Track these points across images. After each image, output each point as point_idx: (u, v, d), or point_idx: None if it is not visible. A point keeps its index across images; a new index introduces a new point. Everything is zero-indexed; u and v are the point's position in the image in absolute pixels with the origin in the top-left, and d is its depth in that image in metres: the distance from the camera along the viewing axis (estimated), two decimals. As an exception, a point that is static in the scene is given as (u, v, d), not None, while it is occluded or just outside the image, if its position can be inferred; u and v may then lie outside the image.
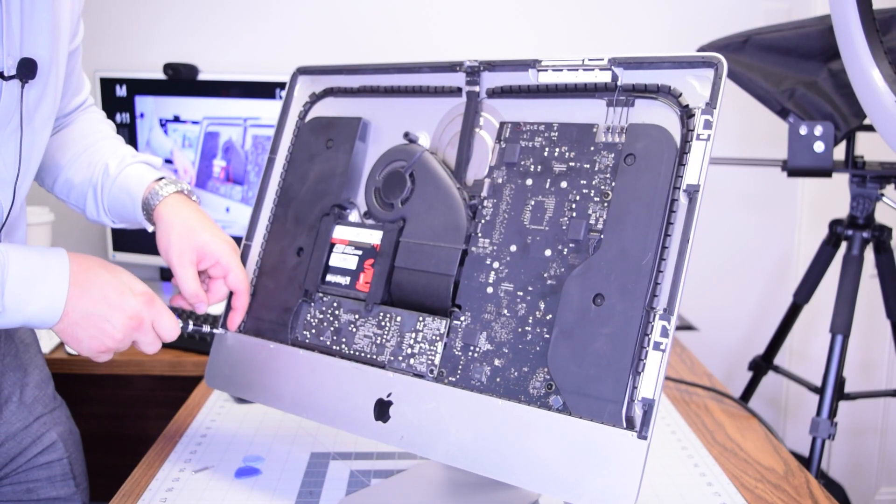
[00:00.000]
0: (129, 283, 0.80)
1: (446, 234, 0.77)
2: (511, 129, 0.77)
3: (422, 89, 0.84)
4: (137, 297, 0.79)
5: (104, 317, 0.77)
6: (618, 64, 0.71)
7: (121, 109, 1.79)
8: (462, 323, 0.74)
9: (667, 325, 0.63)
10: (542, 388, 0.68)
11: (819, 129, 1.31)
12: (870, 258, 1.42)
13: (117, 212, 0.94)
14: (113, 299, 0.77)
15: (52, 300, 0.75)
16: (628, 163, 0.69)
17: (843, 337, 1.34)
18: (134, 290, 0.79)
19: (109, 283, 0.78)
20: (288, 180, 0.91)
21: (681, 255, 0.64)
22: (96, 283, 0.77)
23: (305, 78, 0.93)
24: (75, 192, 0.96)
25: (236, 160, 1.76)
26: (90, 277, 0.77)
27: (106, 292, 0.77)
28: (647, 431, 0.62)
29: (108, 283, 0.78)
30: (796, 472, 0.93)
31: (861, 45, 1.03)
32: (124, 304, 0.78)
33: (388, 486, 0.85)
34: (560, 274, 0.70)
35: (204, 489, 0.85)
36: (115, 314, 0.77)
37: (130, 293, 0.79)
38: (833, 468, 2.07)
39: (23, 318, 0.74)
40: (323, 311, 0.83)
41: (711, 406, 1.14)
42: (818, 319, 1.73)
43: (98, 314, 0.77)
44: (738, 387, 1.75)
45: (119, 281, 0.79)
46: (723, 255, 2.02)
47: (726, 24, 1.63)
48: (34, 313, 0.75)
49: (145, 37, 1.92)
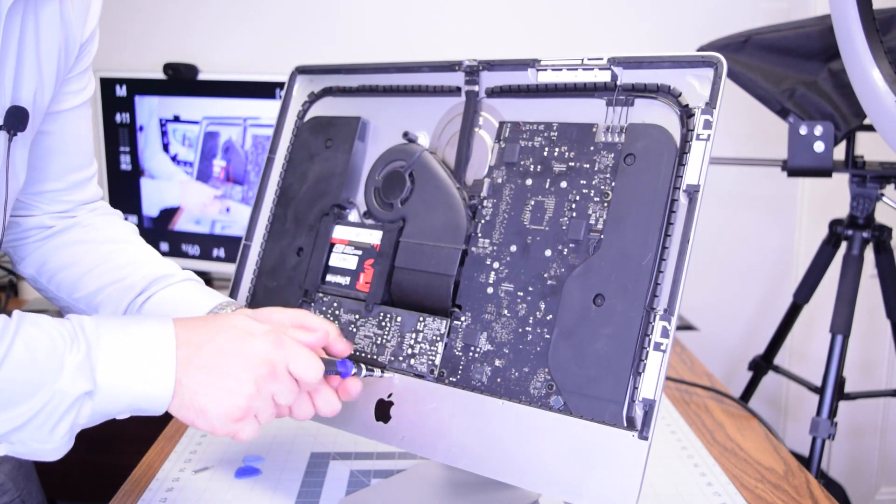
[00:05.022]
0: (247, 326, 0.66)
1: (446, 234, 0.77)
2: (510, 129, 0.77)
3: (421, 89, 0.84)
4: (261, 337, 0.65)
5: (225, 372, 0.63)
6: (617, 63, 0.70)
7: (121, 109, 1.79)
8: (462, 323, 0.74)
9: (667, 326, 0.63)
10: (543, 388, 0.68)
11: (819, 129, 1.31)
12: (870, 258, 1.42)
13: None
14: (231, 348, 0.64)
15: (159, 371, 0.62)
16: (628, 163, 0.69)
17: (843, 337, 1.34)
18: (254, 332, 0.66)
19: (223, 331, 0.65)
20: (287, 180, 0.91)
21: (681, 255, 0.64)
22: (207, 336, 0.64)
23: (304, 77, 0.92)
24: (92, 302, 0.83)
25: (236, 160, 1.76)
26: (198, 333, 0.65)
27: (221, 344, 0.64)
28: (648, 432, 0.62)
29: (221, 332, 0.65)
30: (796, 472, 0.93)
31: (861, 45, 1.03)
32: (246, 349, 0.64)
33: (388, 486, 0.85)
34: (560, 274, 0.70)
35: (204, 489, 0.85)
36: (237, 365, 0.63)
37: (250, 336, 0.65)
38: (833, 468, 2.07)
39: (127, 402, 0.62)
40: (323, 311, 0.83)
41: (711, 406, 1.13)
42: (818, 319, 1.72)
43: (217, 371, 0.63)
44: (738, 387, 1.74)
45: (233, 326, 0.66)
46: (723, 255, 2.02)
47: (726, 24, 1.63)
48: (140, 393, 0.61)
49: (145, 37, 1.92)
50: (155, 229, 1.80)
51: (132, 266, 0.83)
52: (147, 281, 0.81)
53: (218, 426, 0.64)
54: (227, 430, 0.64)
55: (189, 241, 1.79)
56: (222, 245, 1.76)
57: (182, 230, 1.79)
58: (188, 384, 0.62)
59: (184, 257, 1.79)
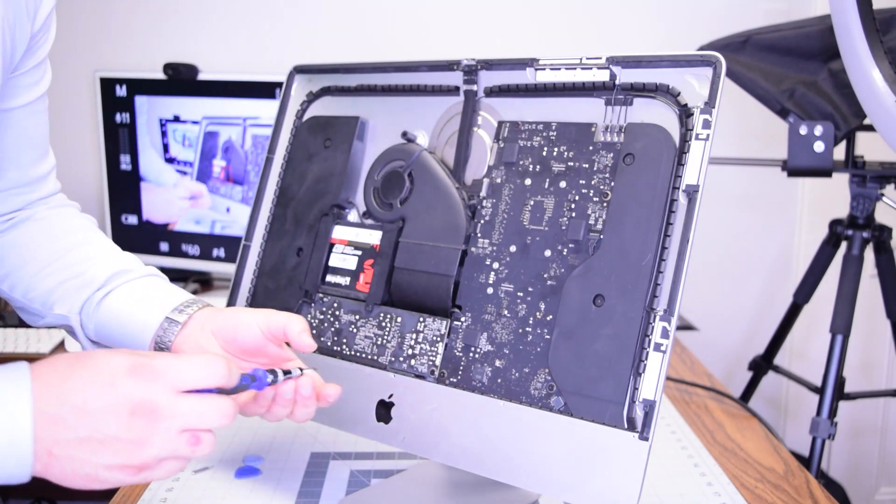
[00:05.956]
0: (108, 365, 0.53)
1: (446, 234, 0.77)
2: (509, 129, 0.76)
3: (419, 88, 0.83)
4: (126, 376, 0.53)
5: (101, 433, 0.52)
6: (616, 62, 0.70)
7: (121, 109, 1.79)
8: (462, 324, 0.74)
9: (667, 327, 0.63)
10: (544, 389, 0.68)
11: (819, 129, 1.31)
12: (870, 258, 1.42)
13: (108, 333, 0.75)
14: (98, 403, 0.52)
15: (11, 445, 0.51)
16: (627, 162, 0.69)
17: (843, 337, 1.34)
18: (116, 370, 0.53)
19: (85, 381, 0.53)
20: (286, 180, 0.90)
21: (681, 255, 0.64)
22: (69, 392, 0.53)
23: (302, 77, 0.92)
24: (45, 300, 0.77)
25: (236, 160, 1.75)
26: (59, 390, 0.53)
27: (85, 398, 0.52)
28: (649, 432, 0.62)
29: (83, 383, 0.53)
30: (796, 472, 0.93)
31: (861, 45, 1.03)
32: (114, 400, 0.52)
33: (388, 486, 0.85)
34: (560, 274, 0.70)
35: (204, 489, 0.84)
36: (111, 421, 0.52)
37: (114, 377, 0.53)
38: (833, 468, 2.07)
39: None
40: (323, 311, 0.83)
41: (711, 406, 1.13)
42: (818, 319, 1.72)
43: (91, 435, 0.52)
44: (738, 387, 1.74)
45: (94, 370, 0.53)
46: (723, 255, 2.02)
47: (726, 24, 1.63)
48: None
49: (145, 37, 1.92)
50: (155, 229, 1.80)
51: (89, 262, 0.77)
52: (106, 275, 0.76)
53: (118, 484, 0.55)
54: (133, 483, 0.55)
55: (189, 241, 1.78)
56: (222, 245, 1.76)
57: (182, 230, 1.79)
58: (62, 454, 0.52)
59: (184, 257, 1.79)
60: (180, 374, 0.54)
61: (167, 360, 0.55)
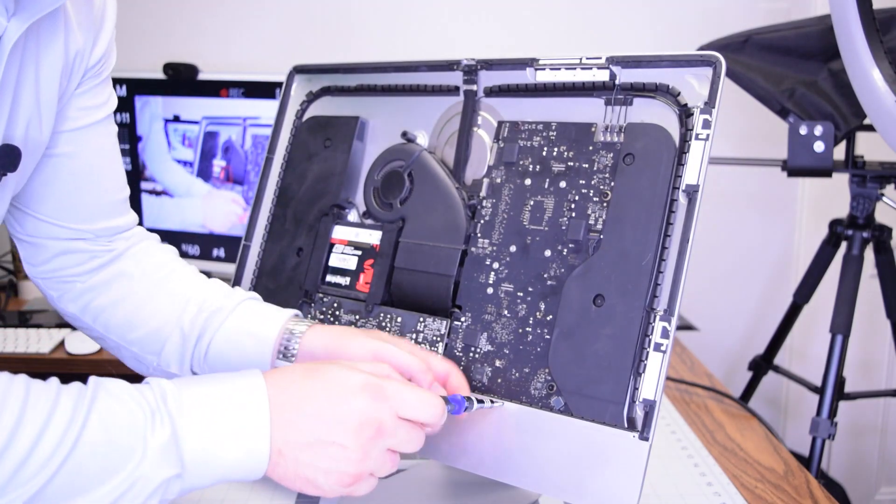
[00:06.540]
0: (343, 380, 0.60)
1: (446, 234, 0.77)
2: (509, 129, 0.76)
3: (419, 88, 0.83)
4: (360, 393, 0.59)
5: (328, 440, 0.58)
6: (616, 62, 0.70)
7: (121, 109, 1.79)
8: (462, 324, 0.74)
9: (667, 327, 0.63)
10: (544, 388, 0.68)
11: (819, 129, 1.31)
12: (870, 258, 1.42)
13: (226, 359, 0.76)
14: (329, 413, 0.59)
15: (251, 443, 0.57)
16: (627, 162, 0.69)
17: (843, 337, 1.34)
18: (350, 386, 0.60)
19: (319, 391, 0.59)
20: (286, 180, 0.90)
21: (681, 255, 0.64)
22: (303, 399, 0.59)
23: (302, 77, 0.92)
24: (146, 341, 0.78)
25: (236, 160, 1.75)
26: (293, 396, 0.59)
27: (319, 407, 0.59)
28: (649, 432, 0.62)
29: (317, 392, 0.59)
30: (796, 472, 0.93)
31: (861, 45, 1.03)
32: (346, 412, 0.59)
33: (388, 486, 0.85)
34: (560, 274, 0.70)
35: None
36: (340, 431, 0.58)
37: (348, 392, 0.59)
38: (833, 468, 2.07)
39: (219, 475, 0.58)
40: (323, 311, 0.83)
41: (711, 406, 1.13)
42: (818, 319, 1.72)
43: (319, 441, 0.58)
44: (738, 387, 1.74)
45: (329, 382, 0.60)
46: (723, 255, 2.02)
47: (726, 24, 1.63)
48: (233, 465, 0.58)
49: (145, 37, 1.92)
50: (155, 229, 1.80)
51: (183, 300, 0.78)
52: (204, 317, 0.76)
53: (328, 492, 0.60)
54: (340, 493, 0.61)
55: (189, 241, 1.79)
56: (222, 245, 1.76)
57: (182, 230, 1.79)
58: (289, 454, 0.59)
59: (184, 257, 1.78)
60: (405, 402, 0.60)
61: (396, 387, 0.61)
